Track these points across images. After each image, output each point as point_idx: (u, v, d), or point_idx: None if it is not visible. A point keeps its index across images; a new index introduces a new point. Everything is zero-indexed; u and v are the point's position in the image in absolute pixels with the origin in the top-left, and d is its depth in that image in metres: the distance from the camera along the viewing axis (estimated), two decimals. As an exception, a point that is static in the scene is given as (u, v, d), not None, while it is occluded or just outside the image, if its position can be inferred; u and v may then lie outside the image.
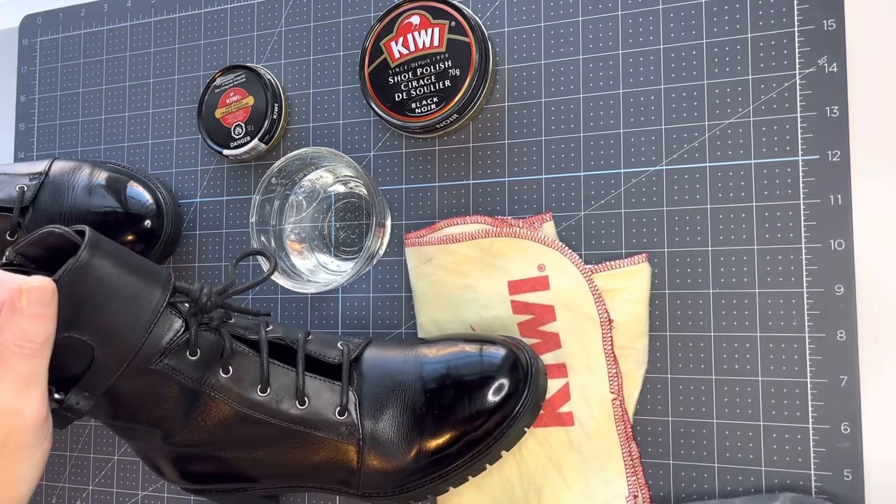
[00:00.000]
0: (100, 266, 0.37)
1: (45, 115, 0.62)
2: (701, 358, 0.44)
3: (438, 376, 0.42)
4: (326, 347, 0.44)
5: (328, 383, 0.42)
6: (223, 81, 0.54)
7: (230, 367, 0.40)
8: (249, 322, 0.43)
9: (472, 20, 0.47)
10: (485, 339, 0.44)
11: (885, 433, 0.41)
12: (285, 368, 0.42)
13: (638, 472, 0.44)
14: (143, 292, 0.38)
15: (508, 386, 0.41)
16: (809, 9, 0.44)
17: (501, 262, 0.47)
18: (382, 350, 0.45)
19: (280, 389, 0.41)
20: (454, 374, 0.42)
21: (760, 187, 0.44)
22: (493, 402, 0.41)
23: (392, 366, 0.43)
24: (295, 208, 0.52)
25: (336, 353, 0.43)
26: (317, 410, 0.41)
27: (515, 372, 0.41)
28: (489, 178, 0.49)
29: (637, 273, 0.45)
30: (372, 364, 0.43)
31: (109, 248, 0.38)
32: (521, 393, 0.41)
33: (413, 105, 0.47)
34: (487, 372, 0.41)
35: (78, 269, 0.36)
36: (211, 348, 0.40)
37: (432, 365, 0.43)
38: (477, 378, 0.41)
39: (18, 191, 0.53)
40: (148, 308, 0.38)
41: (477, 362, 0.42)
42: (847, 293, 0.42)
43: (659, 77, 0.46)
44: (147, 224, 0.52)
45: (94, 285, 0.37)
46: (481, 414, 0.41)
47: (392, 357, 0.44)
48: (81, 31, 0.62)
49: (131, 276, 0.38)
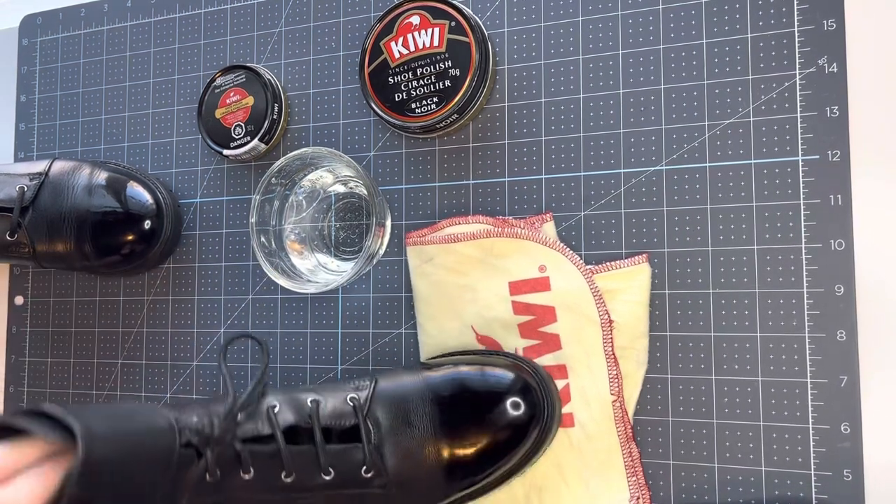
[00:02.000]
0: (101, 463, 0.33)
1: (45, 115, 0.62)
2: (701, 358, 0.44)
3: (455, 410, 0.42)
4: (338, 407, 0.43)
5: (349, 448, 0.41)
6: (223, 81, 0.54)
7: (251, 468, 0.39)
8: (258, 408, 0.42)
9: (472, 20, 0.47)
10: (490, 363, 0.44)
11: (885, 433, 0.41)
12: (304, 447, 0.41)
13: (638, 472, 0.44)
14: (152, 451, 0.36)
15: (528, 408, 0.42)
16: (809, 9, 0.44)
17: (502, 263, 0.47)
18: (391, 387, 0.44)
19: (304, 468, 0.40)
20: (472, 405, 0.42)
21: (760, 187, 0.44)
22: (516, 425, 0.42)
23: (406, 404, 0.43)
24: (295, 208, 0.52)
25: (348, 411, 0.42)
26: (343, 473, 0.41)
27: (529, 394, 0.42)
28: (489, 178, 0.49)
29: (637, 273, 0.45)
30: (385, 408, 0.43)
31: (105, 433, 0.34)
32: (542, 413, 0.42)
33: (413, 105, 0.47)
34: (503, 394, 0.42)
35: (81, 477, 0.32)
36: (228, 460, 0.39)
37: (446, 396, 0.43)
38: (494, 404, 0.42)
39: (18, 191, 0.53)
40: (158, 471, 0.36)
41: (488, 386, 0.43)
42: (847, 293, 0.42)
43: (659, 77, 0.46)
44: (147, 224, 0.52)
45: (101, 485, 0.33)
46: (507, 442, 0.42)
47: (403, 394, 0.43)
48: (81, 31, 0.62)
49: (135, 454, 0.35)
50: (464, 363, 0.44)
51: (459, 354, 0.47)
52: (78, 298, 0.60)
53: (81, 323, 0.59)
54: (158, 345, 0.57)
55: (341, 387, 0.44)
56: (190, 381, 0.55)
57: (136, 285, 0.58)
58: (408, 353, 0.50)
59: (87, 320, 0.59)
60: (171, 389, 0.56)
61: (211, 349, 0.55)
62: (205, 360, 0.55)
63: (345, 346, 0.52)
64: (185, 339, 0.56)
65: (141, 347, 0.57)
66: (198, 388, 0.55)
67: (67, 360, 0.59)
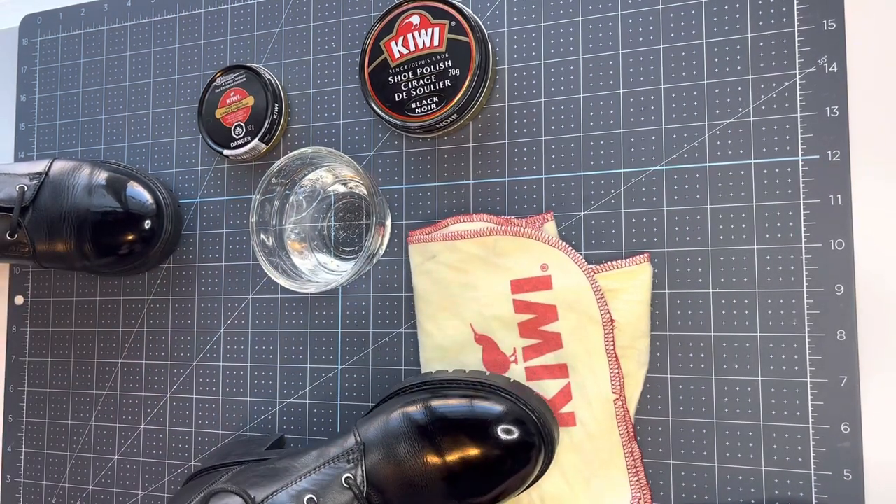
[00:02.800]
0: None
1: (45, 115, 0.62)
2: (701, 358, 0.44)
3: (450, 453, 0.42)
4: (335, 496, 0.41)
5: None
6: (223, 81, 0.54)
7: None
8: None
9: (472, 20, 0.47)
10: (481, 395, 0.43)
11: (885, 433, 0.41)
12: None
13: (640, 472, 0.44)
14: None
15: (534, 456, 0.41)
16: (809, 9, 0.44)
17: (504, 261, 0.47)
18: (378, 433, 0.43)
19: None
20: (466, 441, 0.41)
21: (760, 187, 0.44)
22: (523, 474, 0.41)
23: (399, 452, 0.42)
24: (295, 208, 0.52)
25: (348, 499, 0.41)
26: None
27: (531, 435, 0.41)
28: (489, 177, 0.49)
29: (639, 273, 0.45)
30: (381, 463, 0.42)
31: None
32: (539, 459, 0.42)
33: (413, 105, 0.47)
34: (507, 448, 0.41)
35: None
36: None
37: (435, 428, 0.42)
38: (498, 454, 0.41)
39: (18, 191, 0.53)
40: None
41: (480, 417, 0.42)
42: (847, 293, 0.42)
43: (659, 77, 0.46)
44: (147, 224, 0.52)
45: None
46: (516, 487, 0.42)
47: (394, 443, 0.42)
48: (81, 31, 0.62)
49: None
50: (454, 397, 0.43)
51: (447, 382, 0.45)
52: (78, 298, 0.60)
53: (81, 323, 0.59)
54: (158, 345, 0.57)
55: (332, 464, 0.43)
56: (190, 380, 0.55)
57: (136, 285, 0.58)
58: (408, 352, 0.50)
59: (87, 320, 0.59)
60: (171, 389, 0.56)
61: (211, 349, 0.55)
62: (205, 359, 0.55)
63: (345, 346, 0.52)
64: (185, 339, 0.56)
65: (141, 347, 0.57)
66: (197, 388, 0.55)
67: (67, 360, 0.59)
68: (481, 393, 0.43)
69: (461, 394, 0.43)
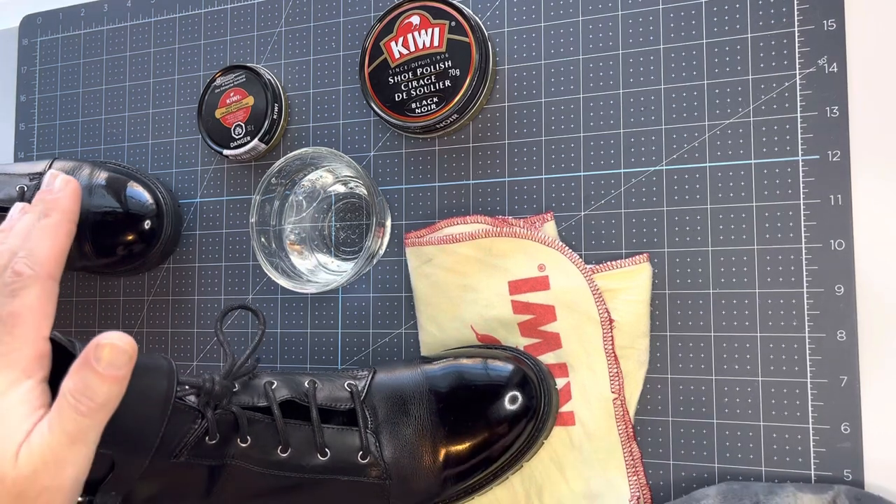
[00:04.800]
0: None
1: (45, 115, 0.62)
2: (701, 358, 0.44)
3: (452, 401, 0.42)
4: (335, 391, 0.43)
5: (345, 430, 0.42)
6: (223, 81, 0.54)
7: (248, 437, 0.40)
8: (255, 384, 0.42)
9: (472, 20, 0.47)
10: (490, 355, 0.44)
11: (885, 433, 0.41)
12: (300, 424, 0.41)
13: (639, 472, 0.44)
14: (149, 391, 0.37)
15: (525, 400, 0.42)
16: (809, 9, 0.44)
17: (502, 262, 0.47)
18: (389, 378, 0.44)
19: (300, 445, 0.41)
20: (468, 396, 0.42)
21: (760, 187, 0.44)
22: (511, 417, 0.42)
23: (403, 395, 0.43)
24: (295, 208, 0.52)
25: (345, 395, 0.43)
26: (339, 458, 0.41)
27: (527, 386, 0.42)
28: (489, 178, 0.49)
29: (638, 273, 0.45)
30: (383, 398, 0.43)
31: None
32: (538, 406, 0.42)
33: (413, 105, 0.47)
34: (500, 386, 0.42)
35: None
36: (226, 425, 0.40)
37: (443, 387, 0.43)
38: (491, 395, 0.42)
39: (18, 191, 0.53)
40: (157, 408, 0.37)
41: (486, 378, 0.43)
42: (847, 293, 0.42)
43: (659, 77, 0.46)
44: (147, 224, 0.52)
45: None
46: (502, 433, 0.42)
47: (400, 385, 0.44)
48: (81, 31, 0.62)
49: (134, 379, 0.35)
50: (464, 356, 0.45)
51: (460, 348, 0.47)
52: (78, 298, 0.60)
53: (81, 323, 0.59)
54: (158, 345, 0.57)
55: (340, 374, 0.45)
56: (190, 381, 0.55)
57: (136, 285, 0.58)
58: (408, 353, 0.50)
59: (87, 320, 0.59)
60: (171, 389, 0.56)
61: (211, 349, 0.55)
62: (205, 359, 0.55)
63: (345, 346, 0.52)
64: (185, 339, 0.56)
65: (141, 347, 0.57)
66: (198, 388, 0.55)
67: (67, 360, 0.59)
68: None
69: (480, 353, 0.45)
